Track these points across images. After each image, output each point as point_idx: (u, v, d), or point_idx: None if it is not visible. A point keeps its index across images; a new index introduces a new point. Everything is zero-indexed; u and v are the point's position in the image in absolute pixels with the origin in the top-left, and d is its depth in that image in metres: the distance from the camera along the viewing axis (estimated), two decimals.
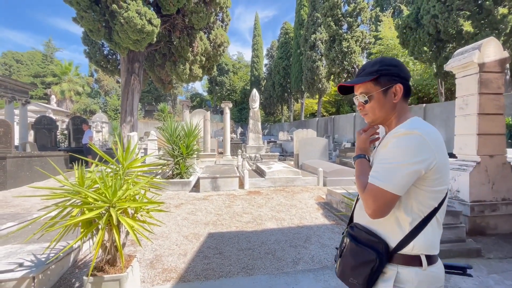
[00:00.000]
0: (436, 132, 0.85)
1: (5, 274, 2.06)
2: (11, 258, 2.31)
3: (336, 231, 3.58)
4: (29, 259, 2.29)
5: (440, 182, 0.84)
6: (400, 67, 0.95)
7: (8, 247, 2.59)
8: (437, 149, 0.81)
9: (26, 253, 2.42)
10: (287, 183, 6.25)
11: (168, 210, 4.32)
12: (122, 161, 2.20)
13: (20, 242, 2.78)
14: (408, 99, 0.96)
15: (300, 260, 2.78)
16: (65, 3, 8.25)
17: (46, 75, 33.18)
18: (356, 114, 16.93)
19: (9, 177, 6.11)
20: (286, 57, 29.59)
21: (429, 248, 0.86)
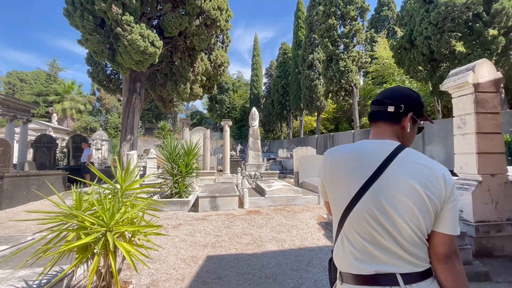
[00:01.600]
0: (334, 154, 0.94)
1: None
2: (1, 285, 2.21)
3: None
4: (20, 286, 2.20)
5: (332, 196, 0.93)
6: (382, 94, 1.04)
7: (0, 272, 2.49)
8: (327, 166, 0.94)
9: (17, 279, 2.33)
10: (288, 202, 6.16)
11: (166, 233, 4.21)
12: (121, 182, 2.18)
13: (12, 266, 2.68)
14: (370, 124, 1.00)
15: (303, 285, 2.68)
16: (71, 26, 8.56)
17: (49, 94, 33.70)
18: (355, 131, 17.04)
19: (5, 197, 6.02)
20: (285, 76, 30.29)
21: (341, 265, 0.87)
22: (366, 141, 0.92)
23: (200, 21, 9.49)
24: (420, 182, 0.78)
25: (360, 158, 0.87)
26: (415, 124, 0.95)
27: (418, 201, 0.77)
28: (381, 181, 0.81)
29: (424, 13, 10.82)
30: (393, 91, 0.96)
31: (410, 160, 0.83)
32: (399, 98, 0.93)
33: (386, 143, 0.88)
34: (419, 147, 11.04)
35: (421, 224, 0.78)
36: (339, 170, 0.90)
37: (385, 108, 0.92)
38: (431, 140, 10.60)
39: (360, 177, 0.84)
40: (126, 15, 7.79)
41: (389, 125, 0.93)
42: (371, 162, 0.84)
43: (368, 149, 0.88)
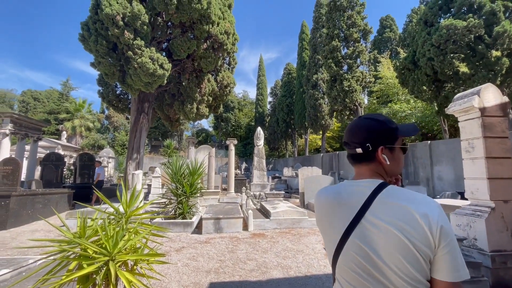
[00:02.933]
0: (321, 196, 0.91)
1: None
2: None
3: None
4: None
5: (323, 241, 0.91)
6: None
7: None
8: (316, 211, 0.93)
9: None
10: (293, 224, 6.02)
11: (169, 258, 4.11)
12: (125, 208, 2.17)
13: None
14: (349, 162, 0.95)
15: None
16: (85, 50, 8.99)
17: (60, 112, 34.73)
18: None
19: (10, 216, 6.04)
20: (289, 95, 30.78)
21: None
22: (346, 183, 0.88)
23: (207, 45, 9.86)
24: (398, 227, 0.70)
25: (339, 203, 0.84)
26: (393, 151, 0.86)
27: (401, 249, 0.69)
28: (361, 227, 0.76)
29: (426, 36, 11.05)
30: (354, 130, 0.88)
31: (389, 201, 0.75)
32: (362, 136, 0.85)
33: (365, 184, 0.82)
34: (427, 167, 10.84)
35: (412, 273, 0.69)
36: (323, 215, 0.88)
37: (353, 152, 0.88)
38: (439, 160, 10.42)
39: (340, 224, 0.80)
40: (137, 40, 8.16)
41: (366, 164, 0.87)
42: (350, 206, 0.81)
43: (347, 192, 0.84)
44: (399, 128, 0.87)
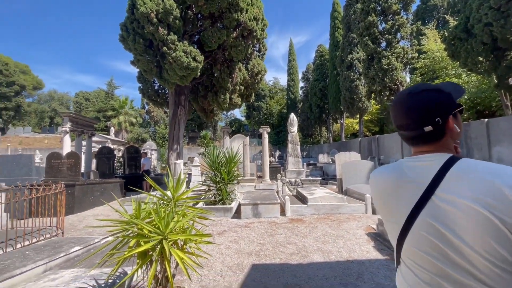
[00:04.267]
0: (377, 177, 0.87)
1: None
2: (77, 282, 2.52)
3: (392, 269, 3.20)
4: (91, 284, 2.48)
5: (384, 223, 0.86)
6: None
7: (75, 271, 2.85)
8: (373, 194, 0.89)
9: (89, 277, 2.63)
10: (332, 210, 5.91)
11: (214, 241, 4.37)
12: (173, 192, 2.33)
13: (84, 266, 3.05)
14: (407, 143, 0.85)
15: None
16: (125, 50, 9.61)
17: (107, 110, 38.05)
18: None
19: (76, 202, 6.92)
20: (323, 78, 29.55)
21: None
22: (407, 160, 0.80)
23: (237, 33, 9.84)
24: (483, 203, 0.62)
25: (402, 180, 0.77)
26: (457, 116, 0.79)
27: (488, 227, 0.61)
28: (432, 205, 0.69)
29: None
30: (415, 108, 0.77)
31: (467, 175, 0.67)
32: (428, 112, 0.75)
33: (431, 159, 0.75)
34: (483, 148, 9.69)
35: (500, 253, 0.61)
36: (383, 196, 0.83)
37: (420, 132, 0.77)
38: (499, 139, 9.23)
39: (406, 203, 0.74)
40: (171, 35, 8.46)
41: (434, 141, 0.78)
42: (416, 183, 0.74)
43: (410, 169, 0.77)
44: (450, 91, 0.79)
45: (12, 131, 34.52)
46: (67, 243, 3.64)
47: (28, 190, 4.34)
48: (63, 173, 7.39)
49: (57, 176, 7.26)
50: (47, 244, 3.63)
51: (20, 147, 27.67)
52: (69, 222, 5.85)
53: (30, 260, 2.91)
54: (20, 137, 32.52)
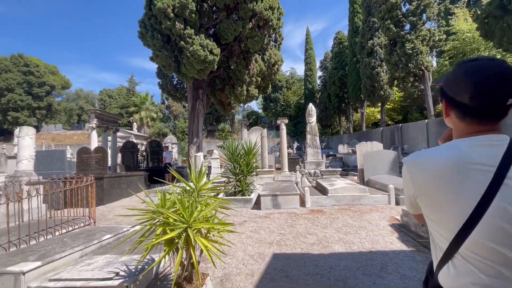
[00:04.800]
0: (421, 164, 0.78)
1: (107, 282, 2.42)
2: (110, 267, 2.70)
3: (418, 260, 3.11)
4: (122, 269, 2.64)
5: (435, 216, 0.76)
6: (450, 82, 0.79)
7: (107, 257, 3.05)
8: (416, 181, 0.79)
9: (120, 263, 2.80)
10: (353, 201, 5.81)
11: (236, 230, 4.47)
12: (196, 183, 2.40)
13: (115, 252, 3.25)
14: (470, 120, 0.75)
15: None
16: (144, 46, 9.85)
17: (129, 106, 39.49)
18: (429, 121, 14.92)
19: (105, 194, 7.33)
20: (341, 66, 28.58)
21: None
22: (463, 142, 0.74)
23: (253, 24, 9.71)
24: None
25: (466, 164, 0.69)
26: None
27: None
28: (506, 191, 0.64)
29: None
30: (504, 74, 0.69)
31: None
32: None
33: (499, 139, 0.70)
34: None
35: None
36: (439, 182, 0.73)
37: (502, 106, 0.69)
38: None
39: (473, 190, 0.67)
40: (187, 29, 8.54)
41: (500, 119, 0.73)
42: (485, 168, 0.67)
43: (475, 151, 0.70)
44: None
45: (45, 128, 36.98)
46: (99, 232, 3.89)
47: (63, 182, 4.67)
48: (92, 167, 7.84)
49: (86, 169, 7.71)
50: (81, 232, 3.90)
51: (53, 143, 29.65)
52: (99, 212, 6.23)
53: (68, 246, 3.15)
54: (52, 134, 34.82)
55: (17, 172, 5.77)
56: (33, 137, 6.17)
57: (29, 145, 6.11)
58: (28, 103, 34.12)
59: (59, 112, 41.69)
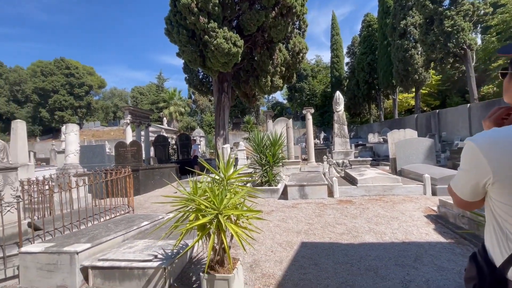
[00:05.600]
0: (503, 142, 0.70)
1: (146, 263, 2.64)
2: (149, 250, 2.93)
3: (457, 253, 2.93)
4: (160, 252, 2.86)
5: None
6: None
7: (146, 241, 3.31)
8: (498, 164, 0.70)
9: (157, 247, 3.03)
10: (384, 191, 5.59)
11: (264, 218, 4.56)
12: (224, 173, 2.49)
13: (152, 237, 3.50)
14: None
15: (411, 283, 2.41)
16: (171, 42, 10.17)
17: (159, 102, 41.27)
18: (471, 105, 13.63)
19: (141, 184, 7.86)
20: (371, 51, 27.00)
21: None
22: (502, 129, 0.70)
23: (276, 12, 9.53)
24: None
25: None
26: None
27: None
28: None
29: None
30: None
31: None
32: None
33: None
34: None
35: None
36: None
37: None
38: None
39: None
40: (211, 23, 8.63)
41: None
42: None
43: None
44: None
45: (86, 126, 40.17)
46: (138, 219, 4.21)
47: (104, 174, 5.09)
48: (128, 160, 8.41)
49: (124, 162, 8.29)
50: (122, 219, 4.26)
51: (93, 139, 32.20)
52: (137, 201, 6.70)
53: (112, 231, 3.47)
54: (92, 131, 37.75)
55: (66, 165, 6.39)
56: (77, 133, 6.76)
57: (74, 140, 6.72)
58: (70, 103, 37.24)
59: (97, 110, 44.95)
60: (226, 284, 2.12)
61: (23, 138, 6.87)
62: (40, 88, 36.05)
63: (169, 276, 2.62)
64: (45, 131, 38.24)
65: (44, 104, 36.83)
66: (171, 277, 2.65)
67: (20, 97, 39.05)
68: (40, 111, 36.88)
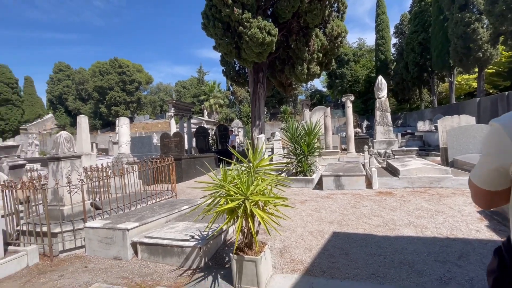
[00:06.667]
0: None
1: (185, 242, 2.91)
2: (187, 231, 3.22)
3: None
4: (197, 234, 3.12)
5: None
6: None
7: (185, 223, 3.63)
8: None
9: (195, 229, 3.30)
10: (430, 183, 5.13)
11: (292, 205, 4.61)
12: (252, 161, 2.58)
13: (191, 220, 3.81)
14: None
15: (451, 280, 2.24)
16: (207, 36, 10.49)
17: (200, 95, 43.13)
18: None
19: (183, 172, 8.47)
20: (423, 29, 24.16)
21: None
22: None
23: None
24: None
25: None
26: None
27: None
28: None
29: None
30: None
31: None
32: None
33: None
34: None
35: None
36: None
37: None
38: None
39: None
40: (245, 13, 8.65)
41: None
42: None
43: None
44: None
45: (137, 119, 44.11)
46: (179, 203, 4.60)
47: (151, 162, 5.62)
48: (172, 150, 9.10)
49: (168, 152, 9.00)
50: (166, 203, 4.70)
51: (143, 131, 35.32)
52: (179, 188, 7.27)
53: (156, 213, 3.87)
54: (142, 124, 41.34)
55: (119, 154, 7.21)
56: (128, 126, 7.54)
57: (126, 132, 7.51)
58: (123, 98, 41.14)
59: (146, 104, 48.91)
60: (253, 265, 2.25)
61: (86, 131, 7.91)
62: (99, 86, 40.49)
63: (205, 255, 2.85)
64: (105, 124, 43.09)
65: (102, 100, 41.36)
66: (206, 256, 2.89)
67: (83, 95, 44.48)
68: (100, 106, 41.55)
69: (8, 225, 3.60)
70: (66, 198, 3.57)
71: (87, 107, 43.24)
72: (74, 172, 3.77)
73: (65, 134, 3.83)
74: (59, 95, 45.41)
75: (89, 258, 3.27)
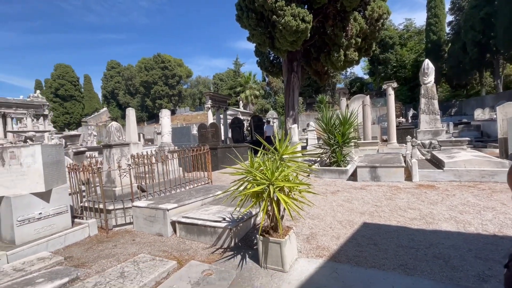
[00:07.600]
0: None
1: (217, 223, 3.15)
2: (220, 214, 3.45)
3: None
4: (228, 216, 3.33)
5: None
6: None
7: (218, 207, 3.88)
8: None
9: (227, 212, 3.53)
10: (482, 177, 4.64)
11: (323, 195, 4.59)
12: (279, 148, 2.66)
13: (223, 204, 4.06)
14: None
15: (491, 278, 2.08)
16: (242, 28, 10.60)
17: (236, 86, 43.84)
18: None
19: (219, 161, 8.89)
20: (486, 2, 20.99)
21: None
22: None
23: None
24: None
25: None
26: None
27: None
28: None
29: None
30: None
31: None
32: None
33: None
34: None
35: None
36: None
37: None
38: None
39: None
40: (278, 1, 8.53)
41: None
42: None
43: None
44: None
45: (179, 111, 46.78)
46: (214, 188, 4.91)
47: (190, 150, 6.04)
48: (209, 140, 9.58)
49: (205, 141, 9.49)
50: (202, 188, 5.05)
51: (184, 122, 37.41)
52: (215, 175, 7.68)
53: (193, 197, 4.21)
54: (183, 115, 43.76)
55: (162, 144, 7.85)
56: (169, 117, 8.13)
57: (167, 123, 8.12)
58: (166, 92, 43.90)
59: (186, 97, 51.48)
60: (278, 247, 2.36)
61: (134, 122, 8.73)
62: (145, 81, 43.77)
63: (234, 236, 3.06)
64: (150, 117, 46.67)
65: (148, 94, 44.71)
66: (236, 237, 3.09)
67: (132, 90, 48.54)
68: (146, 100, 45.01)
69: (74, 202, 4.27)
70: (117, 180, 4.08)
71: (135, 101, 47.07)
72: (123, 158, 4.26)
73: (115, 124, 4.34)
74: (111, 90, 50.25)
75: (136, 232, 3.73)
